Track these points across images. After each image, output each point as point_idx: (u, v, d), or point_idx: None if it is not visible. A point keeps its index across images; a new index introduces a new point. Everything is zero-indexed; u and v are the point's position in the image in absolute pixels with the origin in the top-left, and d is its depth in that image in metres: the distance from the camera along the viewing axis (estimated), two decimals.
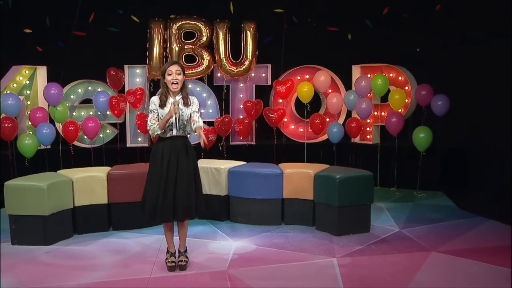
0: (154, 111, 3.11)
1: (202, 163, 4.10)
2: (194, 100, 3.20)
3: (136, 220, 3.93)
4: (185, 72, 3.19)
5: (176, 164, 3.09)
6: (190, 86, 3.22)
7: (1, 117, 4.76)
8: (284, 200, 4.12)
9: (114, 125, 5.45)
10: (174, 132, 3.11)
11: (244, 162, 4.44)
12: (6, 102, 4.76)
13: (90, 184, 3.92)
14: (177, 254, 3.26)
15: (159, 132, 3.09)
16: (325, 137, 5.51)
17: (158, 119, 3.11)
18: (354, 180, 3.87)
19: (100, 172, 4.02)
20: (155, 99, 3.14)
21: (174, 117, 3.03)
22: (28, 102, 5.23)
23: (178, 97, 3.11)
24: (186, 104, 3.10)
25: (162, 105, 3.10)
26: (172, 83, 3.06)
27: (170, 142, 3.11)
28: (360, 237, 3.78)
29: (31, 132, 5.04)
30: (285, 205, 4.12)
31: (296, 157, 5.18)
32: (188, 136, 3.17)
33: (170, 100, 3.09)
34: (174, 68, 3.07)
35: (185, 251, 3.30)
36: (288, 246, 3.63)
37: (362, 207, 3.90)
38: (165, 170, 3.08)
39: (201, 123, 3.14)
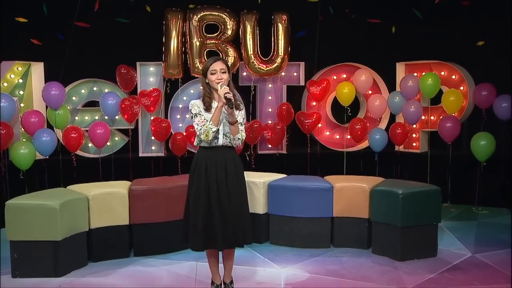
0: (200, 114, 2.91)
1: None
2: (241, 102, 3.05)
3: (163, 244, 3.76)
4: (229, 69, 2.97)
5: (225, 180, 2.89)
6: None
7: None
8: (334, 219, 3.95)
9: (124, 131, 5.22)
10: (220, 141, 2.91)
11: (284, 175, 4.27)
12: None
13: (109, 202, 3.69)
14: (222, 286, 3.06)
15: (214, 129, 2.85)
16: (365, 144, 5.35)
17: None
18: (420, 196, 3.69)
19: (120, 188, 3.79)
20: (197, 102, 2.94)
21: (228, 96, 2.77)
22: (22, 105, 4.95)
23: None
24: (238, 107, 2.92)
25: (208, 108, 2.91)
26: (218, 83, 2.85)
27: (215, 154, 2.91)
28: (427, 263, 3.59)
29: (24, 140, 4.75)
30: (335, 225, 3.96)
31: (333, 168, 5.01)
32: (234, 146, 2.95)
33: (215, 104, 2.89)
34: (218, 66, 2.87)
35: (231, 282, 3.10)
36: (346, 274, 3.43)
37: (429, 227, 3.72)
38: (213, 188, 2.88)
39: (243, 136, 2.95)
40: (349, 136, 5.40)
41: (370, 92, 5.40)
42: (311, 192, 3.93)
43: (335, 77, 5.44)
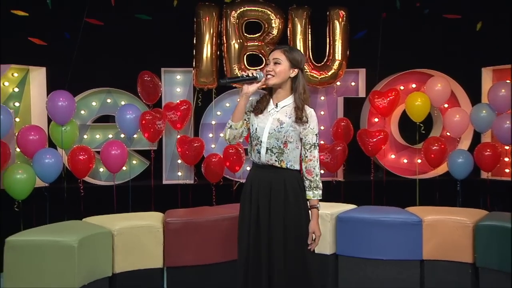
0: (245, 114, 2.73)
1: None
2: (311, 113, 2.69)
3: None
4: (295, 63, 2.65)
5: (268, 211, 2.62)
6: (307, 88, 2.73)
7: None
8: (424, 262, 3.70)
9: (144, 153, 5.03)
10: (263, 157, 2.65)
11: (353, 205, 4.06)
12: None
13: (138, 238, 3.48)
14: None
15: (229, 124, 2.68)
16: (441, 170, 5.11)
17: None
18: None
19: (151, 220, 3.59)
20: (253, 100, 2.76)
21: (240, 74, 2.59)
22: (17, 119, 4.77)
23: (285, 104, 2.66)
24: (298, 119, 2.61)
25: (256, 110, 2.69)
26: (267, 75, 2.64)
27: (260, 173, 2.68)
28: None
29: (18, 162, 4.54)
30: (425, 270, 3.70)
31: (401, 199, 4.69)
32: (289, 167, 2.65)
33: (271, 107, 2.67)
34: (272, 55, 2.67)
35: None
36: None
37: None
38: (254, 220, 2.64)
39: (317, 169, 2.66)
40: (419, 160, 5.16)
41: (446, 105, 5.19)
42: (393, 228, 3.70)
43: (402, 87, 5.25)
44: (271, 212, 2.62)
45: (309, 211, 2.68)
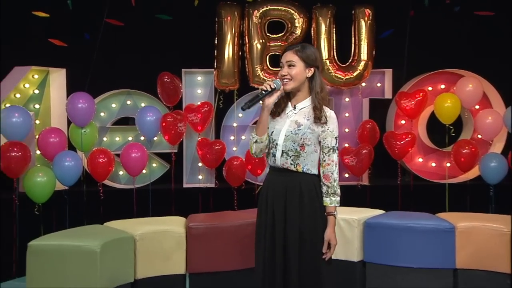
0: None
1: None
2: (330, 115, 2.61)
3: None
4: (310, 62, 2.58)
5: (283, 217, 2.57)
6: (325, 87, 2.66)
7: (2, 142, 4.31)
8: (458, 271, 3.60)
9: (164, 156, 5.04)
10: (278, 160, 2.59)
11: (381, 211, 3.98)
12: (9, 120, 4.30)
13: (160, 243, 3.45)
14: None
15: (254, 139, 2.61)
16: (473, 174, 5.01)
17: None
18: None
19: (174, 225, 3.57)
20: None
21: (269, 89, 2.50)
22: (37, 121, 4.82)
23: (303, 105, 2.61)
24: (317, 119, 2.55)
25: (275, 113, 2.62)
26: (283, 79, 2.57)
27: (275, 178, 2.63)
28: None
29: (39, 165, 4.59)
30: (459, 280, 3.60)
31: (429, 204, 4.63)
32: (306, 171, 2.57)
33: (289, 109, 2.61)
34: (284, 57, 2.59)
35: None
36: None
37: None
38: (270, 225, 2.59)
39: (335, 174, 2.57)
40: (449, 164, 5.08)
41: (477, 107, 5.09)
42: (424, 234, 3.61)
43: (430, 88, 5.17)
44: (286, 217, 2.57)
45: (326, 218, 2.59)
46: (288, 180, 2.58)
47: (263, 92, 2.52)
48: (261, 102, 2.55)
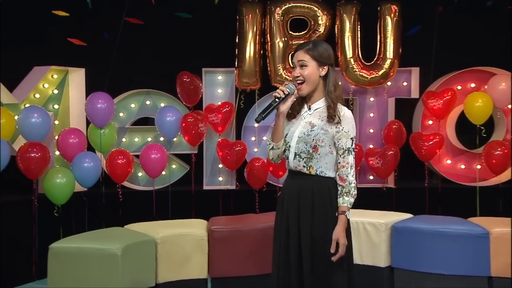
0: None
1: None
2: (345, 114, 2.53)
3: None
4: (323, 60, 2.53)
5: (297, 221, 2.52)
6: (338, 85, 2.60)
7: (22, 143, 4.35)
8: (493, 280, 3.55)
9: (184, 157, 5.04)
10: (291, 163, 2.56)
11: (409, 214, 3.94)
12: (29, 120, 4.34)
13: (182, 246, 3.48)
14: None
15: (270, 146, 2.58)
16: (506, 177, 4.89)
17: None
18: None
19: (195, 228, 3.60)
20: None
21: (283, 95, 2.44)
22: (56, 122, 4.86)
23: (319, 106, 2.55)
24: (330, 117, 2.48)
25: (291, 115, 2.58)
26: (297, 82, 2.53)
27: (290, 181, 2.61)
28: None
29: (58, 166, 4.62)
30: None
31: (459, 208, 4.57)
32: (319, 173, 2.52)
33: (304, 110, 2.57)
34: (296, 57, 2.55)
35: None
36: None
37: None
38: (285, 229, 2.55)
39: (350, 176, 2.49)
40: (479, 166, 4.98)
41: (510, 106, 4.97)
42: (456, 240, 3.56)
43: (459, 87, 5.07)
44: (299, 221, 2.52)
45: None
46: (302, 183, 2.54)
47: (277, 99, 2.46)
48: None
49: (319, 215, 2.49)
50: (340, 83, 2.62)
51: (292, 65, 2.58)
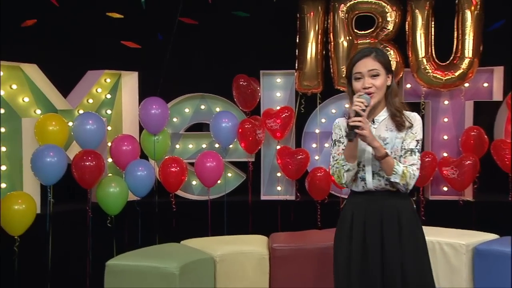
0: (339, 142, 2.54)
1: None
2: (415, 116, 2.53)
3: None
4: (390, 67, 2.50)
5: (380, 249, 2.41)
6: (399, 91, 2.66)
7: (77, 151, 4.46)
8: None
9: (240, 165, 5.05)
10: (370, 184, 2.46)
11: (495, 235, 3.76)
12: (84, 127, 4.45)
13: (242, 265, 3.50)
14: None
15: (347, 167, 2.44)
16: None
17: None
18: None
19: (255, 245, 3.61)
20: (341, 122, 2.57)
21: (350, 123, 2.32)
22: (109, 128, 4.96)
23: (383, 117, 2.49)
24: (400, 125, 2.44)
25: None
26: (368, 93, 2.42)
27: (365, 202, 2.48)
28: None
29: (110, 174, 4.71)
30: None
31: None
32: (403, 189, 2.43)
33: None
34: (364, 66, 2.43)
35: None
36: None
37: None
38: (359, 257, 2.43)
39: (410, 173, 2.40)
40: None
41: None
42: None
43: None
44: (385, 249, 2.41)
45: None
46: (386, 204, 2.46)
47: (361, 114, 2.35)
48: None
49: (413, 240, 2.43)
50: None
51: (352, 76, 2.47)
